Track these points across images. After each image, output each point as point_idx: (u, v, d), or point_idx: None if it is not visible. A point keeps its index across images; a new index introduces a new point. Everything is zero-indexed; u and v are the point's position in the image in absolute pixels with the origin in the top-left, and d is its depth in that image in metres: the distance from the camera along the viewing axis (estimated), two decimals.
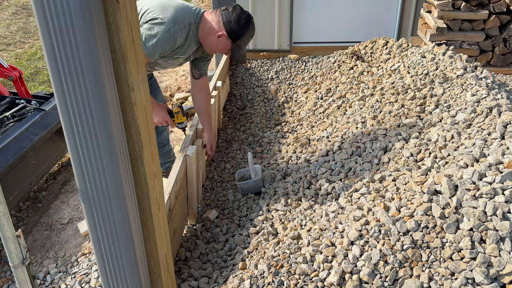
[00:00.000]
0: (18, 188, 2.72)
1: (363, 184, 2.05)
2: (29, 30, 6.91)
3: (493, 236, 1.49)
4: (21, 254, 1.22)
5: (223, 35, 2.19)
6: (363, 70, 3.60)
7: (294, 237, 1.90)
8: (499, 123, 2.04)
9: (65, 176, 3.32)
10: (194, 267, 2.06)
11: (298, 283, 1.62)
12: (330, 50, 4.46)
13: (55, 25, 0.85)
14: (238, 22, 2.16)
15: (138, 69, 1.03)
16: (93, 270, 2.29)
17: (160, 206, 1.26)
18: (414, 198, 1.75)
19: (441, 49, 3.15)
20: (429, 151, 2.09)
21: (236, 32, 2.18)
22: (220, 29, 2.19)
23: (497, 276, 1.44)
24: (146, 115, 1.09)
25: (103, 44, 0.91)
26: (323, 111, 3.35)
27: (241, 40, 2.23)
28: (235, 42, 2.23)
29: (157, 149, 2.35)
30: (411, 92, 2.75)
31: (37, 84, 5.07)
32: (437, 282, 1.48)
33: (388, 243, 1.61)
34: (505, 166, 1.71)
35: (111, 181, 1.03)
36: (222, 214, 2.53)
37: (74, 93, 0.92)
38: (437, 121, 2.38)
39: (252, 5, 4.42)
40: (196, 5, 9.81)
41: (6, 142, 2.69)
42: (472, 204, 1.60)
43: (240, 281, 1.72)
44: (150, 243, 1.25)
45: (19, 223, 2.81)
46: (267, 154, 3.10)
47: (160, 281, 1.33)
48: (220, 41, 2.22)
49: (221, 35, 2.19)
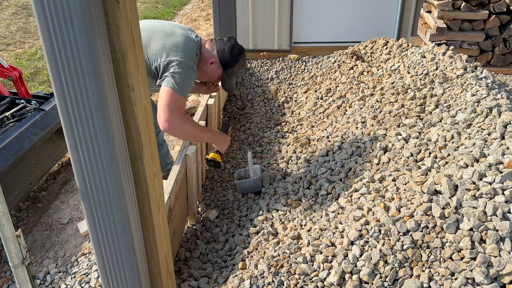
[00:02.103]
0: (18, 188, 2.72)
1: (363, 184, 2.05)
2: (29, 30, 6.91)
3: (493, 236, 1.49)
4: (21, 254, 1.22)
5: (215, 62, 2.26)
6: (363, 70, 3.60)
7: (294, 237, 1.90)
8: (499, 123, 2.04)
9: (65, 176, 3.32)
10: (194, 267, 2.06)
11: (298, 283, 1.62)
12: (330, 50, 4.46)
13: (55, 25, 0.85)
14: (231, 52, 2.25)
15: (138, 69, 1.03)
16: (93, 270, 2.29)
17: (160, 206, 1.26)
18: (414, 198, 1.75)
19: (441, 49, 3.15)
20: (429, 151, 2.09)
21: (228, 61, 2.26)
22: (213, 56, 2.26)
23: (497, 276, 1.44)
24: (146, 115, 1.09)
25: (103, 44, 0.91)
26: (323, 111, 3.35)
27: (232, 69, 2.30)
28: (226, 71, 2.30)
29: None
30: (411, 92, 2.75)
31: (37, 84, 5.07)
32: (437, 282, 1.48)
33: (388, 243, 1.61)
34: (505, 166, 1.71)
35: (111, 181, 1.03)
36: (222, 214, 2.53)
37: (74, 93, 0.92)
38: (437, 121, 2.38)
39: (252, 5, 4.42)
40: (197, 5, 9.65)
41: (6, 142, 2.69)
42: (472, 204, 1.60)
43: (240, 281, 1.72)
44: (150, 243, 1.25)
45: (19, 223, 2.81)
46: (267, 154, 3.10)
47: (160, 281, 1.33)
48: (211, 68, 2.28)
49: (213, 62, 2.26)
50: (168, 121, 2.04)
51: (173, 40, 2.12)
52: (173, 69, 2.04)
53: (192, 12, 9.27)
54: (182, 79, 2.04)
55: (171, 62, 2.05)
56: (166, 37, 2.12)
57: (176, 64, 2.05)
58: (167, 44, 2.09)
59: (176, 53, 2.07)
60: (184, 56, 2.07)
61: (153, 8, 9.57)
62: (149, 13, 8.93)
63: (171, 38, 2.12)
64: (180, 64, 2.05)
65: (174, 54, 2.07)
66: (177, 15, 9.40)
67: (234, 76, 2.38)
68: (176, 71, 2.04)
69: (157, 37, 2.12)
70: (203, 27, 7.71)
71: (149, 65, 2.12)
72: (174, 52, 2.07)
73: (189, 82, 2.08)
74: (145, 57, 2.09)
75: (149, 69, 2.12)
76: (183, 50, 2.10)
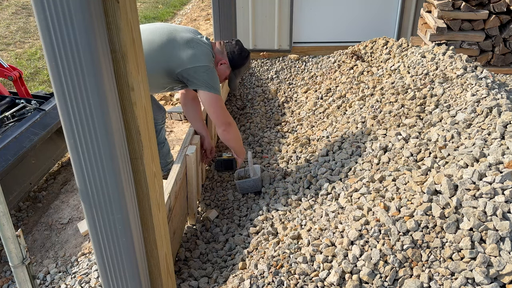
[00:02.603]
0: (18, 188, 2.72)
1: (363, 184, 2.05)
2: (29, 30, 6.91)
3: (493, 236, 1.49)
4: (21, 254, 1.22)
5: (225, 63, 2.46)
6: (363, 70, 3.60)
7: (294, 237, 1.90)
8: (499, 123, 2.04)
9: (65, 176, 3.32)
10: (194, 267, 2.06)
11: (298, 283, 1.62)
12: (330, 50, 4.46)
13: (55, 25, 0.85)
14: (240, 54, 2.48)
15: (138, 69, 1.03)
16: (93, 270, 2.29)
17: (160, 206, 1.27)
18: (414, 198, 1.75)
19: (441, 49, 3.15)
20: (429, 151, 2.09)
21: (238, 62, 2.48)
22: (223, 57, 2.45)
23: (497, 276, 1.44)
24: (146, 115, 1.09)
25: (103, 44, 0.91)
26: (323, 111, 3.35)
27: (240, 69, 2.52)
28: (234, 71, 2.51)
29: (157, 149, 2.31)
30: (411, 92, 2.75)
31: (37, 84, 5.07)
32: (437, 282, 1.48)
33: (388, 243, 1.61)
34: (505, 166, 1.71)
35: (111, 181, 1.03)
36: (222, 214, 2.53)
37: (74, 93, 0.92)
38: (437, 121, 2.38)
39: (252, 5, 4.42)
40: (197, 5, 9.66)
41: (6, 142, 2.69)
42: (472, 204, 1.60)
43: (240, 281, 1.72)
44: (150, 243, 1.25)
45: (19, 223, 2.81)
46: (267, 154, 3.10)
47: (160, 281, 1.33)
48: (221, 68, 2.46)
49: (223, 63, 2.46)
50: (225, 129, 2.40)
51: (194, 46, 2.30)
52: (201, 73, 2.25)
53: (192, 12, 9.28)
54: (212, 81, 2.28)
55: (197, 68, 2.25)
56: (187, 45, 2.29)
57: (202, 69, 2.26)
58: (189, 52, 2.27)
59: (198, 59, 2.26)
60: (206, 60, 2.29)
61: (153, 8, 9.57)
62: (149, 13, 8.93)
63: (192, 45, 2.30)
64: (205, 68, 2.27)
65: (196, 60, 2.26)
66: (177, 15, 9.40)
67: (239, 77, 2.58)
68: (205, 75, 2.26)
69: (177, 45, 2.29)
70: (203, 27, 7.71)
71: (171, 69, 2.28)
72: (197, 58, 2.26)
73: (217, 81, 2.34)
74: (165, 62, 2.27)
75: (172, 73, 2.29)
76: (202, 54, 2.29)
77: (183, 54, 2.26)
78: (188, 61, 2.26)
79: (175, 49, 2.28)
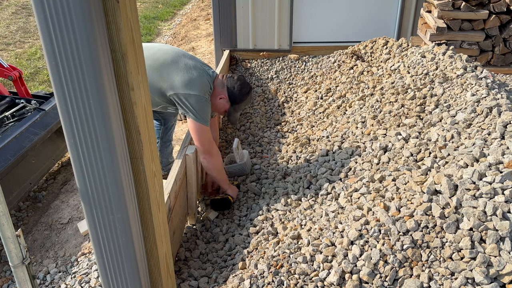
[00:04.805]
0: (18, 188, 2.72)
1: (363, 184, 2.05)
2: (29, 30, 6.91)
3: (493, 236, 1.49)
4: (21, 253, 1.22)
5: (224, 97, 2.46)
6: (363, 70, 3.60)
7: (294, 237, 1.90)
8: (499, 123, 2.04)
9: (65, 176, 3.32)
10: (194, 267, 2.06)
11: (298, 283, 1.62)
12: (330, 50, 4.46)
13: (55, 25, 0.85)
14: (240, 90, 2.46)
15: (138, 68, 1.03)
16: (93, 270, 2.30)
17: (160, 206, 1.27)
18: (414, 198, 1.75)
19: (441, 49, 3.15)
20: (429, 151, 2.09)
21: (237, 98, 2.47)
22: (223, 92, 2.46)
23: (497, 276, 1.44)
24: (146, 114, 1.09)
25: (103, 44, 0.91)
26: (323, 111, 3.35)
27: (239, 105, 2.52)
28: (233, 106, 2.51)
29: (163, 148, 2.42)
30: (411, 92, 2.75)
31: (37, 84, 5.07)
32: (437, 282, 1.48)
33: (388, 243, 1.61)
34: (505, 166, 1.71)
35: (111, 181, 1.03)
36: (222, 214, 2.53)
37: (74, 93, 0.92)
38: (437, 121, 2.38)
39: (252, 5, 4.42)
40: (197, 4, 9.64)
41: (6, 142, 2.69)
42: (472, 204, 1.60)
43: (240, 280, 1.72)
44: (150, 242, 1.25)
45: (19, 222, 2.81)
46: (267, 154, 3.10)
47: (160, 281, 1.33)
48: (220, 102, 2.47)
49: (222, 97, 2.46)
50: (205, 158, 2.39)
51: (192, 73, 2.32)
52: (192, 102, 2.27)
53: (192, 12, 9.28)
54: (201, 111, 2.30)
55: (188, 95, 2.26)
56: (186, 70, 2.32)
57: (194, 98, 2.28)
58: (185, 77, 2.29)
59: (192, 87, 2.28)
60: (200, 90, 2.30)
61: (153, 8, 9.57)
62: (149, 13, 8.93)
63: (191, 72, 2.32)
64: (197, 97, 2.28)
65: (190, 87, 2.28)
66: (177, 14, 9.40)
67: (239, 111, 2.58)
68: (195, 105, 2.28)
69: (177, 68, 2.32)
70: (203, 27, 7.71)
71: (164, 91, 2.31)
72: (190, 85, 2.28)
73: (208, 112, 2.36)
74: (160, 82, 2.30)
75: (164, 94, 2.33)
76: (198, 83, 2.30)
77: (178, 78, 2.27)
78: (180, 86, 2.26)
79: (173, 72, 2.30)
